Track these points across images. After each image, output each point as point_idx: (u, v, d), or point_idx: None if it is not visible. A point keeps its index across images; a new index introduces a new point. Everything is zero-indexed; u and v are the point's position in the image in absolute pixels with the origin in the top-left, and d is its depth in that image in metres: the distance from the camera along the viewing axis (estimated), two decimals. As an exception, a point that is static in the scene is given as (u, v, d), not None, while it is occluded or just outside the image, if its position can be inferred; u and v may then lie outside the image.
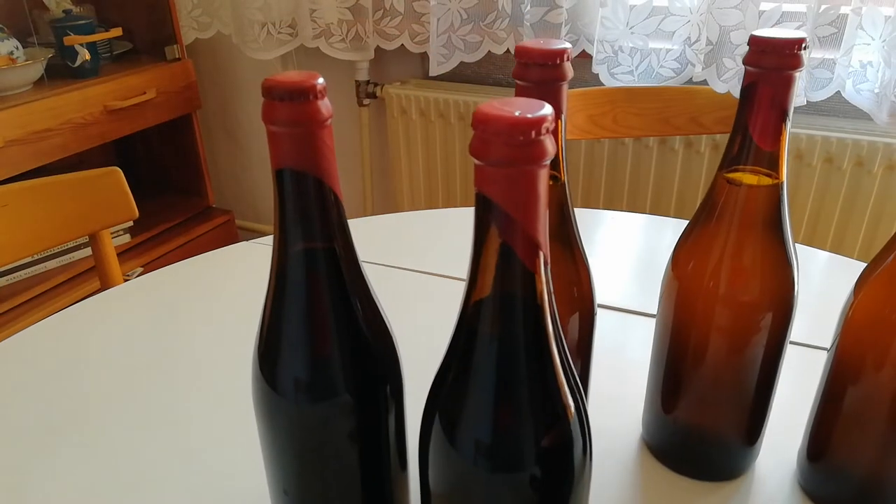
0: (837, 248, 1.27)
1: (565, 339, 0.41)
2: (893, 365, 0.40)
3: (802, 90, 1.15)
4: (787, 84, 0.37)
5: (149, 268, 1.60)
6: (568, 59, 0.35)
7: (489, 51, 1.37)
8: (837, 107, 1.25)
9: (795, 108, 1.19)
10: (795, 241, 0.42)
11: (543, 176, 0.25)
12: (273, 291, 0.32)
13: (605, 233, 0.85)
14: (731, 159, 0.40)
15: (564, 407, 0.29)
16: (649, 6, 1.21)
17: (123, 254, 1.63)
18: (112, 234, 1.61)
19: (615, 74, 1.27)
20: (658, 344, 0.47)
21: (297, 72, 0.29)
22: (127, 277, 1.11)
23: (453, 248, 0.78)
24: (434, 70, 1.40)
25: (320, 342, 0.33)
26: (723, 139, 1.27)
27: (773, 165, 0.39)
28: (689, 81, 1.25)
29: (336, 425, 0.34)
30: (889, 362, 0.40)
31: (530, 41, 0.35)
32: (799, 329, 0.61)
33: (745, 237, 0.41)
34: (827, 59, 1.13)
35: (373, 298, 0.34)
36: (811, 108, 1.25)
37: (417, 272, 0.75)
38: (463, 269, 0.28)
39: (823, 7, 1.10)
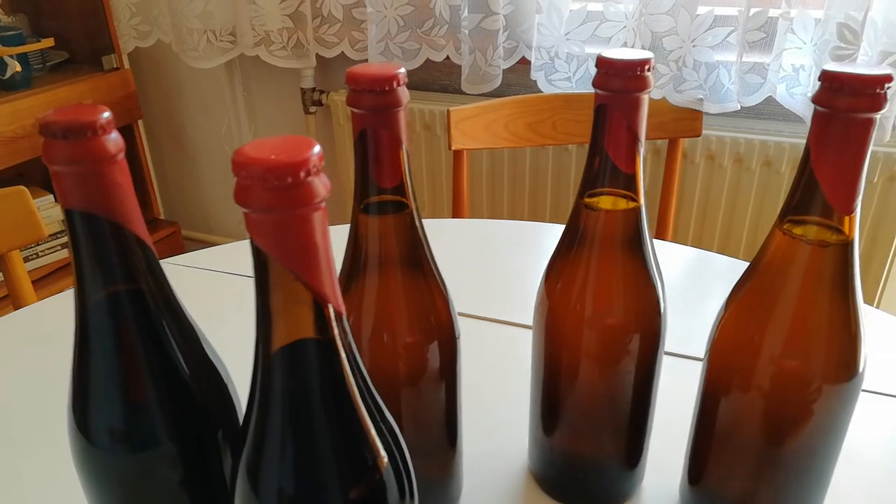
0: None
1: (425, 368, 0.40)
2: (758, 387, 0.39)
3: (735, 95, 1.15)
4: (636, 106, 0.36)
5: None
6: (401, 84, 0.33)
7: (427, 58, 1.35)
8: (776, 110, 1.25)
9: (733, 112, 1.19)
10: (736, 256, 0.41)
11: (318, 220, 0.24)
12: (78, 340, 0.30)
13: (545, 247, 0.84)
14: (589, 182, 0.39)
15: (374, 457, 0.27)
16: (584, 12, 1.21)
17: (65, 268, 1.59)
18: (54, 248, 1.58)
19: (553, 81, 1.26)
20: (534, 366, 0.45)
21: (80, 105, 0.27)
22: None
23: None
24: (374, 78, 1.38)
25: (128, 390, 0.31)
26: (663, 144, 1.26)
27: (630, 187, 0.38)
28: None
29: (156, 477, 0.32)
30: (754, 385, 0.39)
31: (362, 66, 0.34)
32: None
33: (605, 261, 0.40)
34: (758, 63, 1.13)
35: (198, 340, 0.33)
36: (750, 112, 1.25)
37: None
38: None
39: (753, 11, 1.10)
